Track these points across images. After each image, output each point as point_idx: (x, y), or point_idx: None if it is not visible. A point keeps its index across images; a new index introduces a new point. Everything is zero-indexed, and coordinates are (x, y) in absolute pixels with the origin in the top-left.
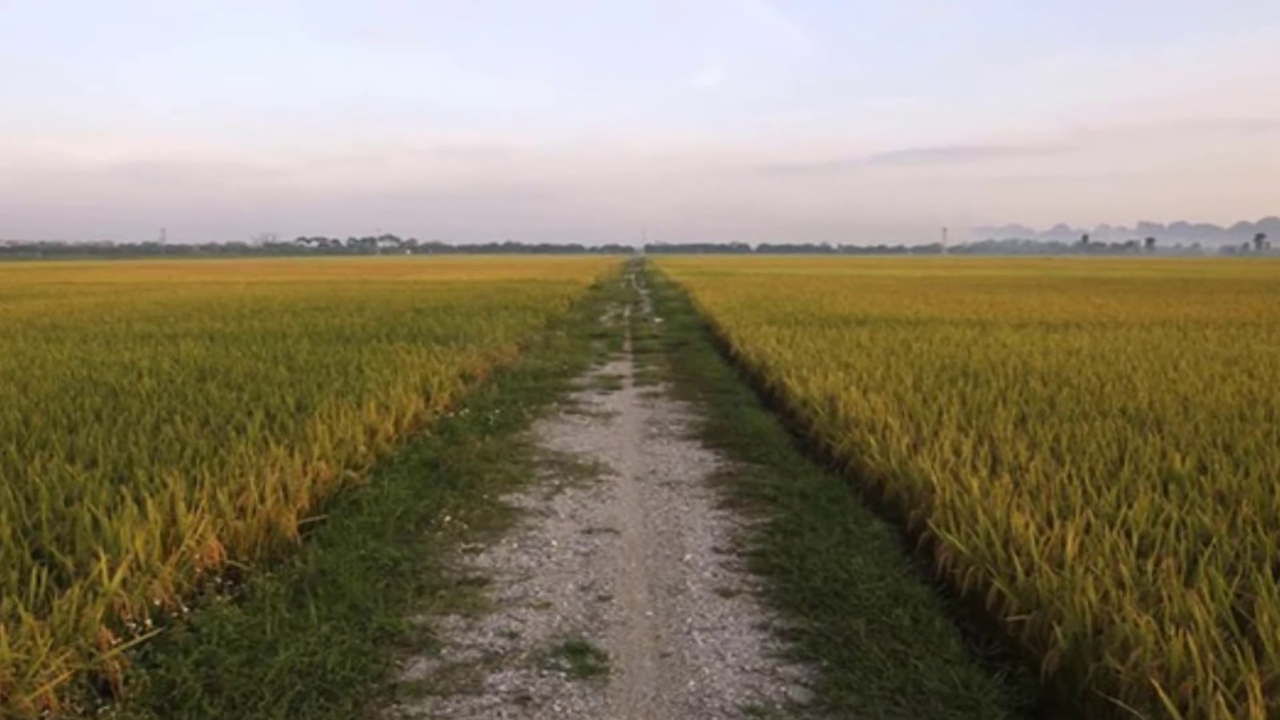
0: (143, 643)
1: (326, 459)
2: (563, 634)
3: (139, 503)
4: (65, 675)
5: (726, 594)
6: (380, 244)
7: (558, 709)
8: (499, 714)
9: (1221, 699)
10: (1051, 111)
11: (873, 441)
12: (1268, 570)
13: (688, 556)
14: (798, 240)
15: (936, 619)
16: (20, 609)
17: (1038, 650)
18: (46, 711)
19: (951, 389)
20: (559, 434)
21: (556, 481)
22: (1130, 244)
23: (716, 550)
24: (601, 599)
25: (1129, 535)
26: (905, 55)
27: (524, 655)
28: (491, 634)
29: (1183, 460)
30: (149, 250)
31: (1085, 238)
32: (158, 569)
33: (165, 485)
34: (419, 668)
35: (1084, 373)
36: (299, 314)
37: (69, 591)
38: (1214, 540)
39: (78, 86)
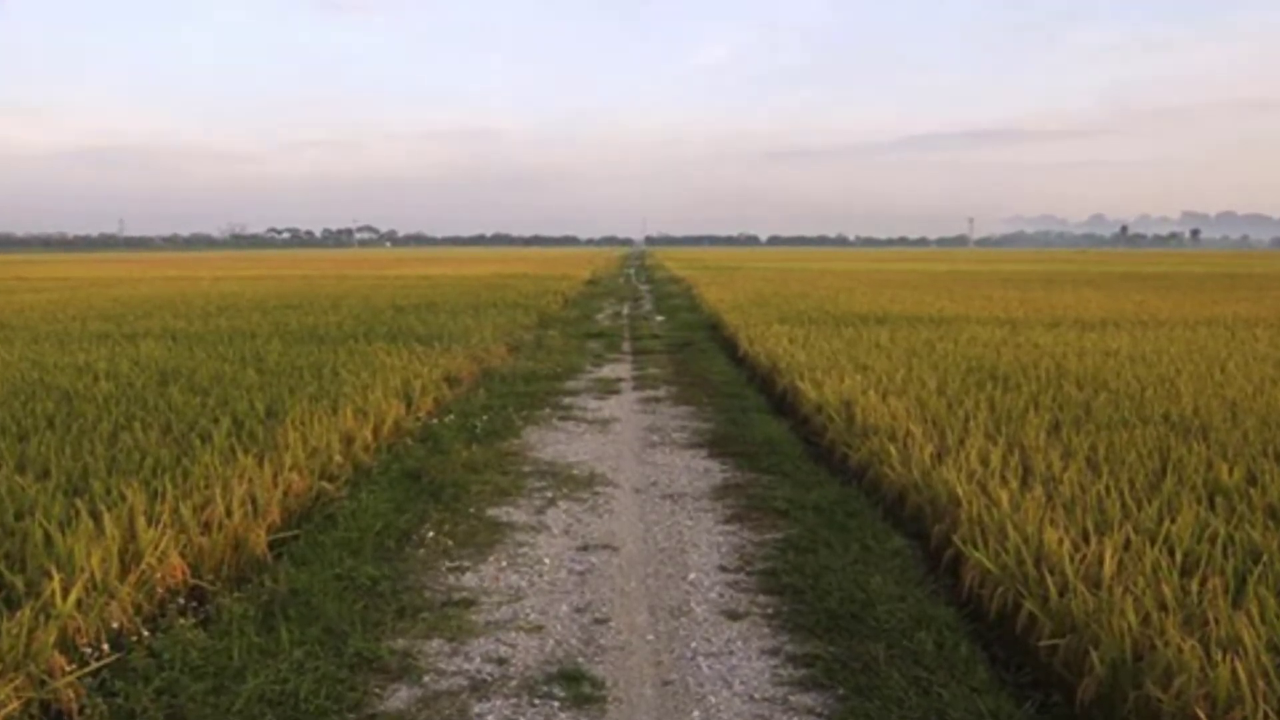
0: (99, 669)
1: (299, 469)
2: (556, 660)
3: (95, 517)
4: (15, 705)
5: (734, 616)
6: (358, 235)
7: None
8: None
9: None
10: (1089, 91)
11: (893, 450)
12: None
13: (692, 575)
14: (812, 231)
15: (962, 643)
16: None
17: (1073, 677)
18: None
19: (979, 393)
20: (552, 442)
21: (549, 494)
22: (1173, 235)
23: (723, 569)
24: (598, 621)
25: (1172, 552)
26: (931, 29)
27: (514, 683)
28: (479, 660)
29: (1230, 471)
30: (106, 242)
31: (1124, 229)
32: (115, 589)
33: (124, 498)
34: (399, 696)
35: (1123, 376)
36: (269, 312)
37: (19, 614)
38: (1265, 558)
39: (22, 61)
